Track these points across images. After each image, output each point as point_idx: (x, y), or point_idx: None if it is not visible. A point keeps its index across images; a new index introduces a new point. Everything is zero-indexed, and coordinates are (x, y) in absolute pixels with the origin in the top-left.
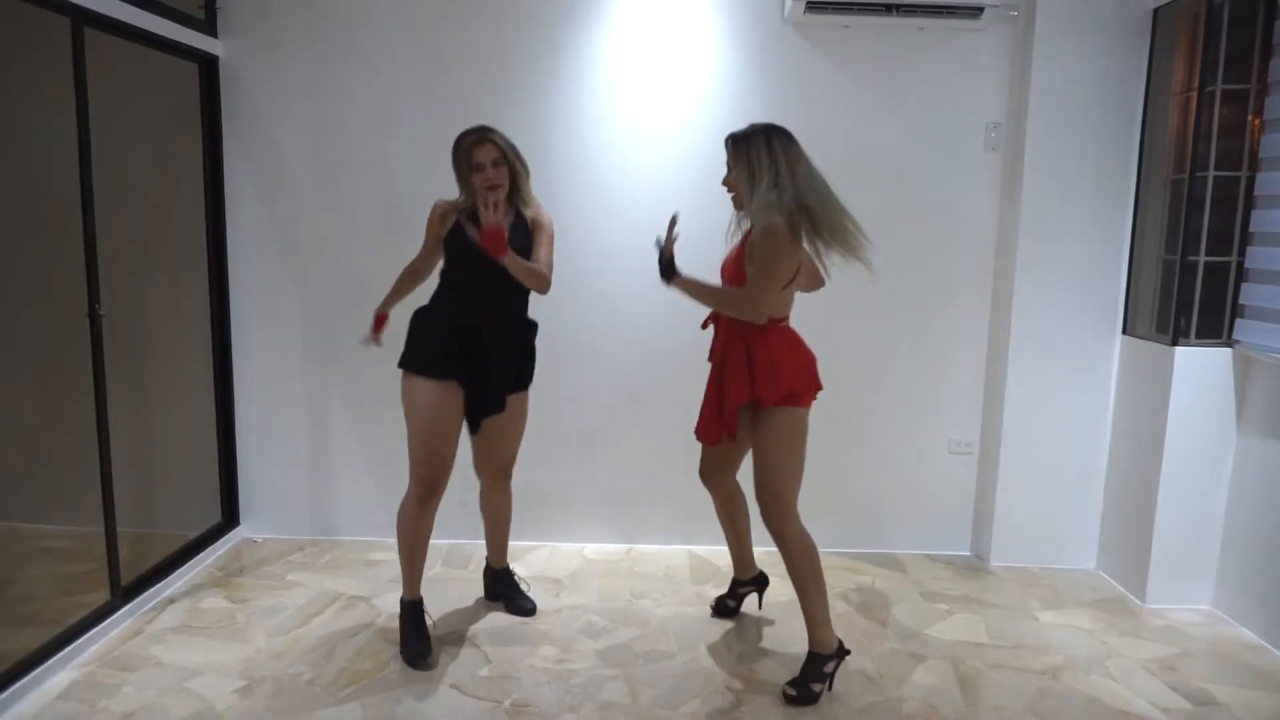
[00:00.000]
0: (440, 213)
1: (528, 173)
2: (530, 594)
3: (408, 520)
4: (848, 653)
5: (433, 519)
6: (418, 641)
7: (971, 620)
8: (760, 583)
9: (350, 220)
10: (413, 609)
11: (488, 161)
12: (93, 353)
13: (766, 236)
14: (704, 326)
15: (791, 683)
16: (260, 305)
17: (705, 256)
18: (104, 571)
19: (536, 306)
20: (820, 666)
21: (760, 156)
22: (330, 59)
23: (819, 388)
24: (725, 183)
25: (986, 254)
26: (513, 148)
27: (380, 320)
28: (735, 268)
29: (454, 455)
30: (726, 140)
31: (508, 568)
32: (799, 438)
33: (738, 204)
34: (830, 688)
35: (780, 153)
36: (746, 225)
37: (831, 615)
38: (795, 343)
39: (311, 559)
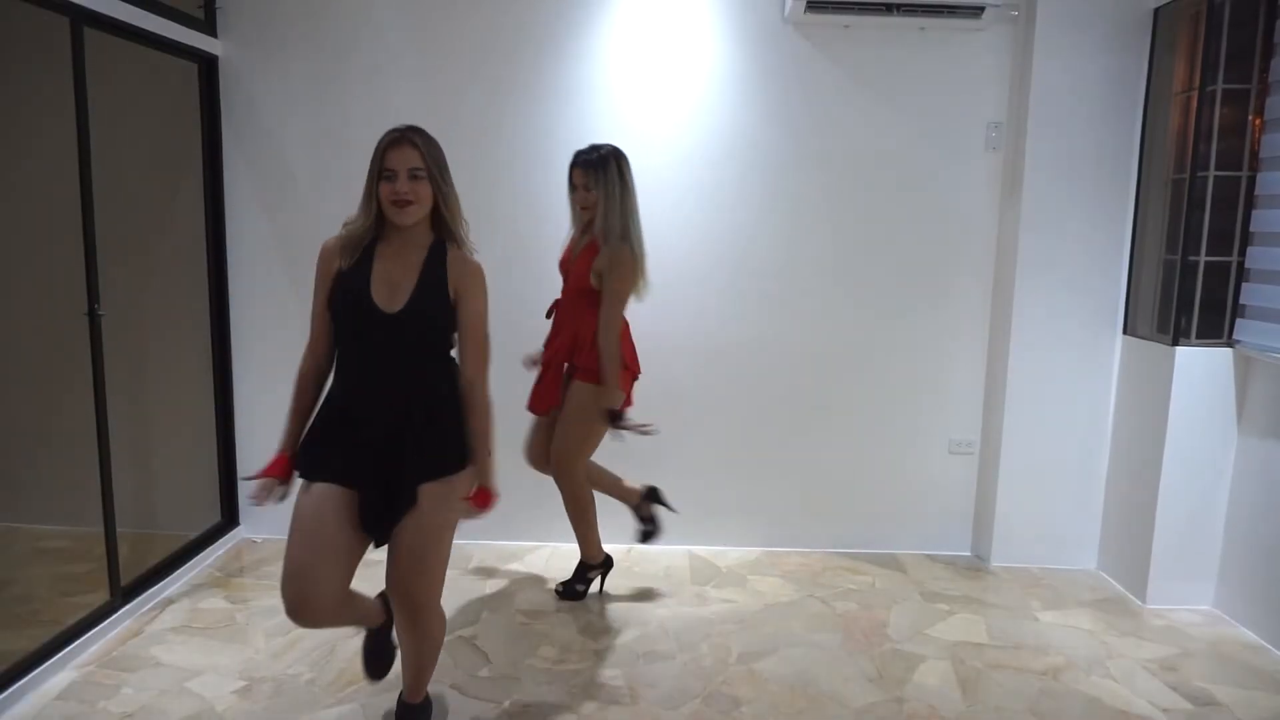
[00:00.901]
0: (327, 256)
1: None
2: None
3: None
4: (611, 564)
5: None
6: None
7: (971, 620)
8: (607, 565)
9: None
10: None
11: (402, 170)
12: (92, 353)
13: (620, 266)
14: (548, 316)
15: (562, 583)
16: (260, 305)
17: (705, 255)
18: (104, 572)
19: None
20: (585, 573)
21: (615, 184)
22: (330, 59)
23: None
24: (584, 204)
25: (987, 254)
26: (440, 161)
27: (281, 464)
28: (582, 271)
29: (333, 581)
30: (586, 164)
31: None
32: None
33: (586, 215)
34: (600, 590)
35: (629, 180)
36: (588, 239)
37: (832, 615)
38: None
39: None
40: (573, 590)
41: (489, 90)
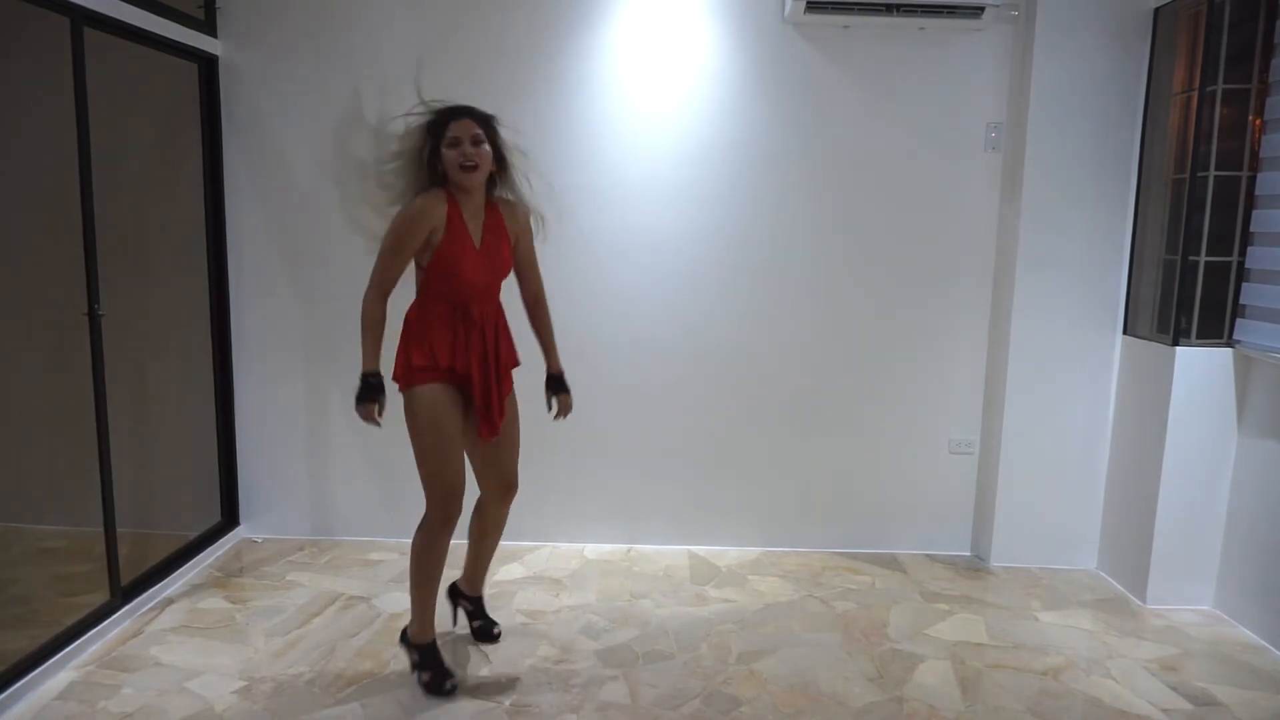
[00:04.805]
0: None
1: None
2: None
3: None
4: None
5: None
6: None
7: (971, 620)
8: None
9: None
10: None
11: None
12: (93, 353)
13: (528, 212)
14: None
15: (492, 622)
16: (260, 305)
17: (707, 255)
18: (103, 572)
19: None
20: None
21: (505, 144)
22: (330, 59)
23: None
24: (478, 155)
25: (987, 254)
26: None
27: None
28: (506, 250)
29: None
30: (477, 115)
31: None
32: None
33: (471, 182)
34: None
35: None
36: (482, 203)
37: (832, 614)
38: None
39: (311, 559)
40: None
41: (489, 91)
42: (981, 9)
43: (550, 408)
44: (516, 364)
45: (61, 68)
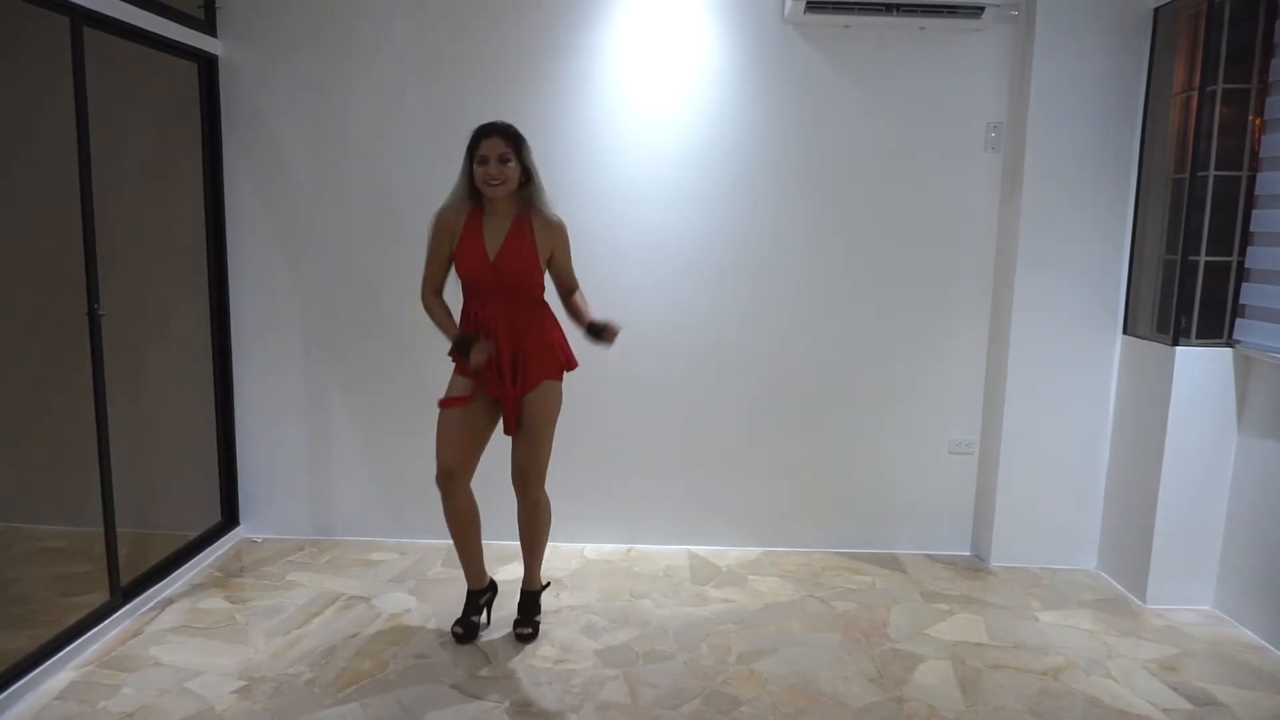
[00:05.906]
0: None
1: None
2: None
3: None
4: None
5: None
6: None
7: (971, 620)
8: (494, 590)
9: (350, 219)
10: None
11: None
12: (92, 353)
13: (566, 235)
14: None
15: (525, 622)
16: (260, 305)
17: (707, 254)
18: (103, 572)
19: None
20: (539, 600)
21: (532, 157)
22: (330, 58)
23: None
24: (503, 174)
25: (987, 254)
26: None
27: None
28: (530, 258)
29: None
30: (506, 133)
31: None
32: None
33: (495, 195)
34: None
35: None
36: (510, 216)
37: (832, 614)
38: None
39: (311, 559)
40: (538, 625)
41: (489, 90)
42: (981, 9)
43: (604, 336)
44: (545, 373)
45: (61, 68)
